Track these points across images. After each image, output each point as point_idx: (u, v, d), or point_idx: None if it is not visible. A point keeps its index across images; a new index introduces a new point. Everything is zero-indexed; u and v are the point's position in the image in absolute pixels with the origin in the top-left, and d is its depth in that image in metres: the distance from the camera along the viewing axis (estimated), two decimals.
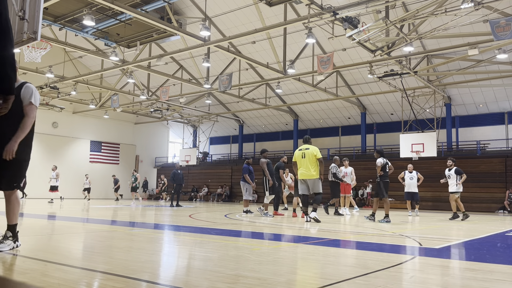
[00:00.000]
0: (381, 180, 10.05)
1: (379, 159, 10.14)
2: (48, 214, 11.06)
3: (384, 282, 3.04)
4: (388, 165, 10.18)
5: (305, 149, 9.48)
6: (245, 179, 12.30)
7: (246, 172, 12.42)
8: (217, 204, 23.78)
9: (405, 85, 19.80)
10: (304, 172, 9.35)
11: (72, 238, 5.89)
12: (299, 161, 9.52)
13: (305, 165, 9.34)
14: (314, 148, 9.45)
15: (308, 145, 9.58)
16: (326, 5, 12.74)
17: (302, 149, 9.56)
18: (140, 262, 3.70)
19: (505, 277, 3.41)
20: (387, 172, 10.13)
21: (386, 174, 10.07)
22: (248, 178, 12.32)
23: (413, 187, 13.84)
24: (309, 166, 9.28)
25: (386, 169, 10.09)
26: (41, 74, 20.90)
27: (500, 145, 22.43)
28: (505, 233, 7.83)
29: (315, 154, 9.33)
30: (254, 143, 32.72)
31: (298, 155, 9.54)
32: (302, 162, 9.41)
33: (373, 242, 5.92)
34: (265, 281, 2.98)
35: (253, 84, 22.46)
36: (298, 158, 9.53)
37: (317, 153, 9.38)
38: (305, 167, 9.33)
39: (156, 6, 14.95)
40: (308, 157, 9.34)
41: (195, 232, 7.00)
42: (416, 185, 13.89)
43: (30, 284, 2.75)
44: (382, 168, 10.04)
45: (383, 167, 10.05)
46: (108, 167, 31.79)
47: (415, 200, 13.98)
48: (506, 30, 11.61)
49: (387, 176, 10.13)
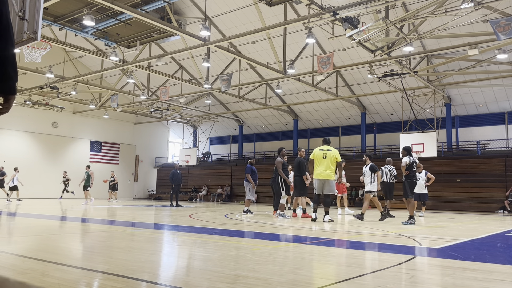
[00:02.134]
0: (406, 179, 9.69)
1: (405, 158, 9.71)
2: (47, 214, 11.06)
3: (384, 282, 3.04)
4: (415, 164, 9.74)
5: (327, 150, 9.68)
6: (247, 179, 12.30)
7: (249, 172, 12.43)
8: (217, 204, 23.77)
9: (405, 85, 19.80)
10: (324, 172, 9.54)
11: (72, 238, 5.89)
12: (319, 160, 9.64)
13: (325, 166, 9.54)
14: (336, 151, 9.74)
15: (330, 146, 9.81)
16: (326, 5, 12.74)
17: (323, 149, 9.72)
18: (140, 262, 3.70)
19: (505, 277, 3.41)
20: (414, 171, 9.73)
21: (412, 174, 9.68)
22: (250, 178, 12.32)
23: (420, 187, 13.53)
24: (330, 167, 9.53)
25: (413, 168, 9.66)
26: (41, 74, 20.89)
27: (500, 145, 22.43)
28: (505, 233, 7.83)
29: (336, 156, 9.63)
30: (254, 143, 32.71)
31: (319, 155, 9.68)
32: (322, 162, 9.57)
33: (373, 242, 5.92)
34: (265, 281, 2.98)
35: (253, 84, 22.46)
36: (319, 157, 9.67)
37: (338, 156, 9.67)
38: (325, 167, 9.53)
39: (156, 6, 14.95)
40: (329, 158, 9.57)
41: (195, 232, 7.00)
42: (424, 186, 13.37)
43: (30, 284, 2.75)
44: (408, 167, 9.63)
45: (409, 166, 9.63)
46: (108, 167, 31.77)
47: (421, 200, 13.62)
48: (506, 30, 11.60)
49: (414, 175, 9.74)
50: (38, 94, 23.53)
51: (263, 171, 17.83)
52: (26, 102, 23.91)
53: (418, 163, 10.21)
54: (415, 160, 9.85)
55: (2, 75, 1.78)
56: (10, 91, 1.83)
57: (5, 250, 4.33)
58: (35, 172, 26.33)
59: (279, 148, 11.81)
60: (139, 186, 34.30)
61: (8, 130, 26.07)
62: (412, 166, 9.67)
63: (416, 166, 9.83)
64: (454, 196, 20.45)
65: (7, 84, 1.81)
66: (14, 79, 1.82)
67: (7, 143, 26.03)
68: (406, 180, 9.72)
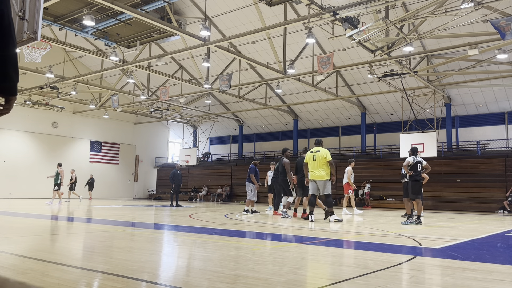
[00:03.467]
0: (411, 180, 9.65)
1: (408, 158, 9.64)
2: (47, 214, 11.06)
3: (384, 282, 3.04)
4: (420, 164, 9.62)
5: (316, 151, 9.89)
6: (251, 179, 12.42)
7: (253, 172, 12.54)
8: (217, 204, 23.77)
9: (405, 85, 19.79)
10: (314, 173, 9.76)
11: (72, 238, 5.89)
12: (310, 163, 9.90)
13: (315, 167, 9.76)
14: (324, 151, 9.87)
15: (319, 147, 10.00)
16: (326, 5, 12.74)
17: (313, 151, 9.97)
18: (140, 262, 3.70)
19: (505, 277, 3.41)
20: (419, 172, 9.63)
21: (417, 174, 9.59)
22: (253, 178, 12.45)
23: None
24: (319, 168, 9.72)
25: (417, 168, 9.56)
26: (41, 74, 20.90)
27: (500, 145, 22.42)
28: (505, 233, 7.83)
29: (325, 156, 9.76)
30: (254, 143, 32.71)
31: (309, 157, 9.96)
32: (313, 164, 9.81)
33: (373, 242, 5.92)
34: (265, 281, 2.98)
35: (253, 84, 22.46)
36: (309, 160, 9.94)
37: (327, 155, 9.80)
38: (315, 168, 9.75)
39: (156, 6, 14.94)
40: (318, 159, 9.76)
41: (195, 232, 7.00)
42: None
43: (30, 284, 2.75)
44: (412, 167, 9.56)
45: (413, 166, 9.55)
46: (108, 167, 31.80)
47: None
48: (507, 30, 11.60)
49: (419, 176, 9.64)
50: (38, 94, 23.54)
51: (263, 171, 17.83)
52: (26, 102, 23.91)
53: (426, 164, 10.13)
54: (420, 160, 9.76)
55: (3, 76, 1.77)
56: (11, 92, 1.83)
57: (5, 250, 4.33)
58: (35, 172, 26.34)
59: (284, 149, 11.83)
60: (139, 186, 34.30)
61: (8, 130, 26.07)
62: (417, 166, 9.60)
63: (422, 166, 9.75)
64: (454, 196, 20.45)
65: (8, 85, 1.80)
66: (15, 80, 1.81)
67: (7, 143, 26.03)
68: (411, 181, 9.70)
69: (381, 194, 22.40)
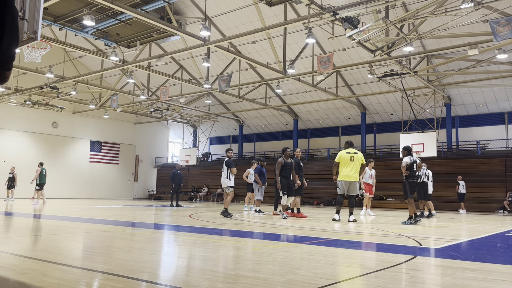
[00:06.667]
0: (407, 180, 9.65)
1: (405, 158, 9.65)
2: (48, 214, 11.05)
3: (384, 282, 3.04)
4: (415, 164, 9.69)
5: (354, 153, 10.06)
6: (255, 179, 12.70)
7: (258, 173, 12.78)
8: (217, 204, 23.77)
9: (405, 85, 19.80)
10: (351, 174, 9.89)
11: (72, 238, 5.89)
12: (346, 163, 9.94)
13: (354, 168, 9.91)
14: (361, 154, 10.19)
15: (354, 149, 10.20)
16: (326, 5, 12.74)
17: (350, 152, 10.06)
18: (140, 262, 3.70)
19: (505, 277, 3.41)
20: (414, 171, 9.70)
21: (412, 174, 9.65)
22: (258, 178, 12.70)
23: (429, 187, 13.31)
24: (357, 169, 9.94)
25: (413, 168, 9.61)
26: (41, 74, 20.89)
27: (500, 145, 22.43)
28: (505, 233, 7.82)
29: (362, 159, 10.06)
30: (254, 143, 32.71)
31: (346, 157, 10.00)
32: (349, 164, 9.92)
33: (373, 242, 5.92)
34: (265, 281, 2.98)
35: (253, 84, 22.46)
36: (346, 160, 9.97)
37: (363, 159, 10.13)
38: (354, 170, 9.90)
39: (156, 6, 14.94)
40: (356, 161, 9.94)
41: (195, 232, 7.00)
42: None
43: (30, 284, 2.75)
44: (408, 167, 9.58)
45: (409, 166, 9.58)
46: (108, 167, 31.79)
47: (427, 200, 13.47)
48: (506, 30, 11.60)
49: (414, 175, 9.72)
50: (38, 94, 23.53)
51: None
52: (26, 102, 23.90)
53: (419, 162, 10.25)
54: (416, 160, 9.83)
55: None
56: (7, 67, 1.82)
57: (5, 250, 4.33)
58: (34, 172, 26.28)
59: (284, 148, 11.22)
60: (139, 186, 34.31)
61: (8, 130, 26.06)
62: (413, 166, 9.62)
63: (416, 166, 9.79)
64: (454, 196, 20.46)
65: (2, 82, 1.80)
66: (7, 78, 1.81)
67: (7, 143, 26.02)
68: (407, 181, 9.68)
69: (381, 194, 22.39)
